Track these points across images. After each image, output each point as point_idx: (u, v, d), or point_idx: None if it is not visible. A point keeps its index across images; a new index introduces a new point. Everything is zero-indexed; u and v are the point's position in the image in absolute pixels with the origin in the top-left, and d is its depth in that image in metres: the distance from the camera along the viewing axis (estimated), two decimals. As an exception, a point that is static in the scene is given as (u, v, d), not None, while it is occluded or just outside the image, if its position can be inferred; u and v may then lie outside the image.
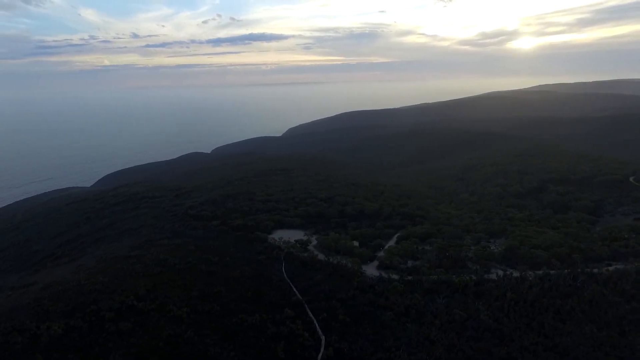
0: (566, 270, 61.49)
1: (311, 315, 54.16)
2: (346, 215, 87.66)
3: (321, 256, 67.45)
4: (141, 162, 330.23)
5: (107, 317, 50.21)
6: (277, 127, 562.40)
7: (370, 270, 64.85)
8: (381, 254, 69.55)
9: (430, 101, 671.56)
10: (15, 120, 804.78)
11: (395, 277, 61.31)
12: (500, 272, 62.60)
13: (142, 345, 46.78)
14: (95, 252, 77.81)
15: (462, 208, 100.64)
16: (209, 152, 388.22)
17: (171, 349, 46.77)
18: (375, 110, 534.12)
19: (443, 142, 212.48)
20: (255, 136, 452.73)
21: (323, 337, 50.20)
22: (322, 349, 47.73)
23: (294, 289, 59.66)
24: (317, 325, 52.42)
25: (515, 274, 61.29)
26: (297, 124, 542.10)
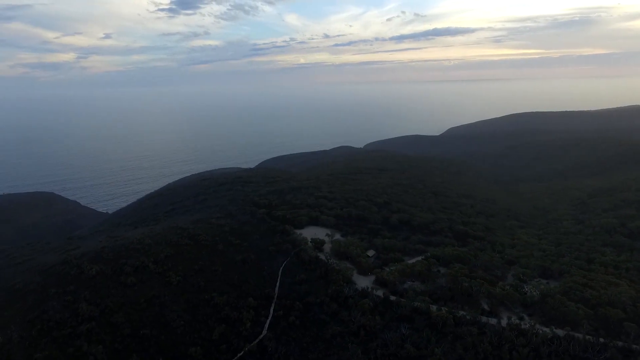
0: (601, 339, 45.82)
1: (271, 310, 56.26)
2: (390, 223, 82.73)
3: (324, 258, 67.54)
4: (299, 150, 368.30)
5: (125, 271, 63.70)
6: (439, 126, 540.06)
7: (363, 281, 61.97)
8: (389, 268, 64.92)
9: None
10: (229, 112, 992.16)
11: (379, 294, 57.28)
12: (511, 319, 51.00)
13: (130, 297, 58.22)
14: (173, 221, 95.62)
15: (545, 237, 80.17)
16: (361, 146, 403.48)
17: (146, 305, 56.73)
18: (557, 112, 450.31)
19: (608, 156, 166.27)
20: (412, 134, 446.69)
21: (265, 332, 52.07)
22: (254, 342, 49.93)
23: (277, 283, 62.34)
24: (268, 320, 54.40)
25: (524, 325, 49.13)
26: (461, 124, 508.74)
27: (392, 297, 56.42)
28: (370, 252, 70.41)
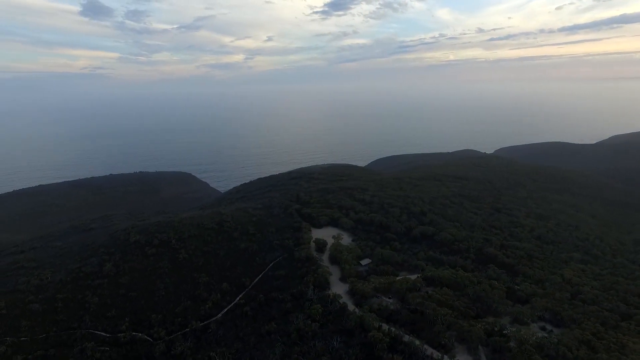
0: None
1: (237, 298, 60.24)
2: (411, 234, 76.59)
3: (315, 259, 68.33)
4: (424, 151, 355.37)
5: (153, 243, 76.13)
6: (600, 132, 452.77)
7: (339, 288, 61.22)
8: (371, 280, 62.18)
9: None
10: (369, 110, 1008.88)
11: (341, 302, 56.16)
12: (454, 358, 44.57)
13: (143, 264, 70.27)
14: (225, 207, 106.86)
15: (602, 278, 61.00)
16: (491, 151, 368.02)
17: (149, 274, 68.29)
18: None
19: None
20: (560, 140, 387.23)
21: (219, 316, 56.60)
22: (202, 323, 55.08)
23: (260, 275, 66.07)
24: (229, 306, 58.64)
25: (467, 372, 42.41)
26: (632, 131, 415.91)
27: (351, 309, 54.39)
28: (365, 261, 67.97)
